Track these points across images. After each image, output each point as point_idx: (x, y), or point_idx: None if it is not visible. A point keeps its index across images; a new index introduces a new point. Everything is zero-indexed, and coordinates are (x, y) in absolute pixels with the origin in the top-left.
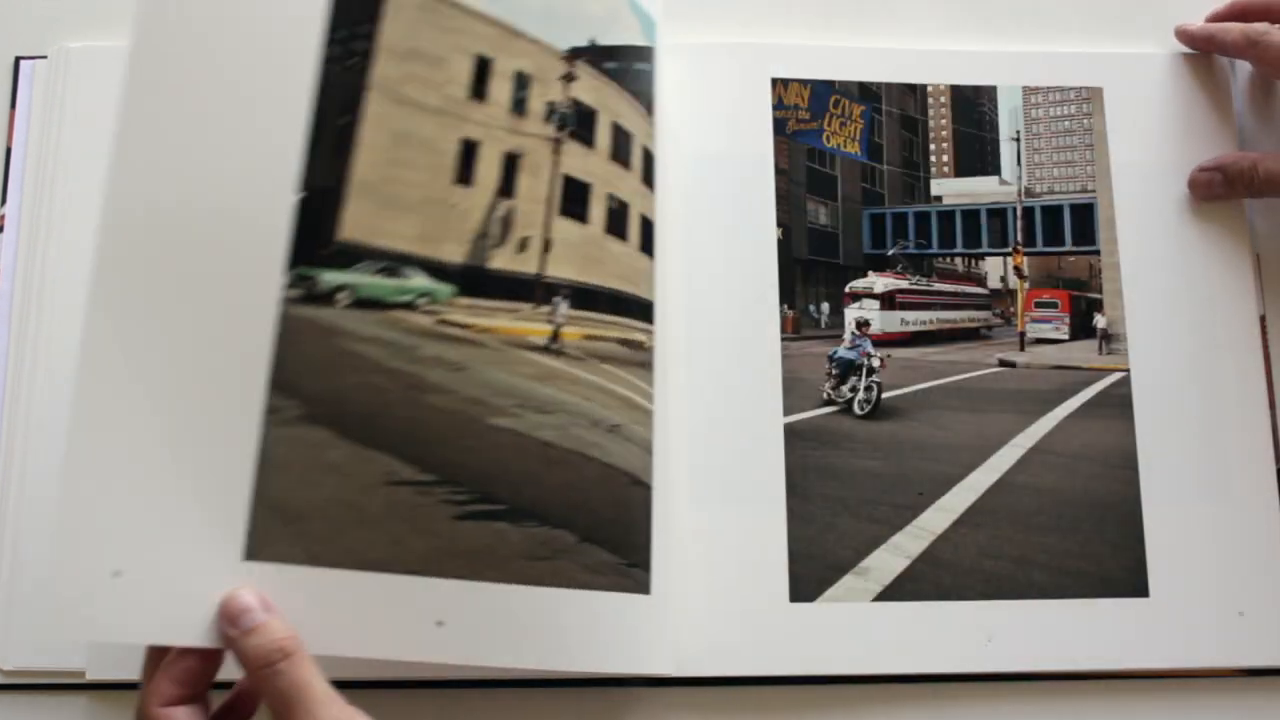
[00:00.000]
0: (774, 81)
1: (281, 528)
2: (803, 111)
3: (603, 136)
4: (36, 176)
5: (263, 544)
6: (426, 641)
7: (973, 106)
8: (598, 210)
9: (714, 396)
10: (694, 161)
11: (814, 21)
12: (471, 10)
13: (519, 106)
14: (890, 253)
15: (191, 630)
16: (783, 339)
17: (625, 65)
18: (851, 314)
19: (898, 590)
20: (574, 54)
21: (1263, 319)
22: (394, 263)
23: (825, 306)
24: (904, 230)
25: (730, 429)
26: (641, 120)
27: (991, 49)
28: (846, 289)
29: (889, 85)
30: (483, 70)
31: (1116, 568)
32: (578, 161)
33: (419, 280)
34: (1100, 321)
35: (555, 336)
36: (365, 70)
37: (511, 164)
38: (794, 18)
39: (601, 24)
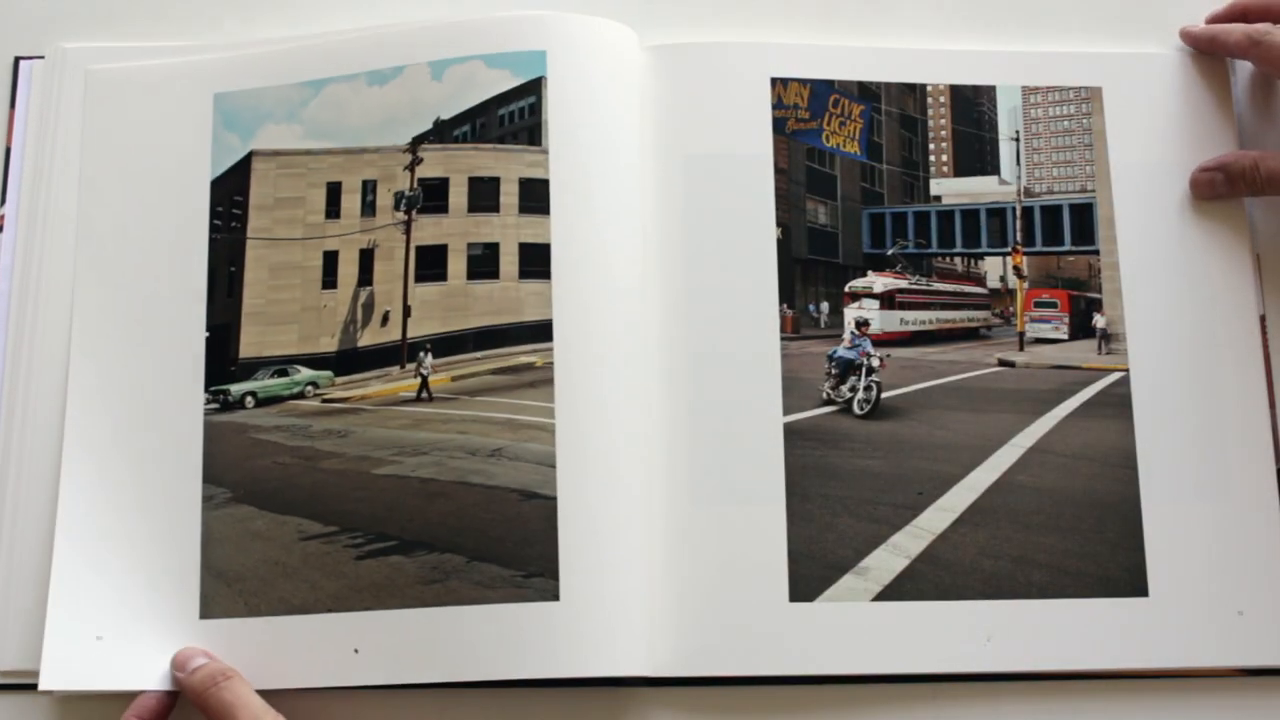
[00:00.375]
0: (773, 81)
1: (226, 589)
2: (802, 111)
3: (456, 197)
4: (34, 176)
5: (212, 604)
6: (347, 668)
7: (972, 106)
8: (456, 264)
9: (714, 396)
10: (693, 161)
11: (814, 21)
12: (320, 151)
13: (369, 209)
14: (890, 252)
15: (157, 678)
16: (782, 339)
17: (483, 120)
18: (851, 314)
19: (897, 590)
20: (417, 142)
21: (1263, 319)
22: (283, 365)
23: (825, 306)
24: (903, 230)
25: (730, 429)
26: (512, 158)
27: (991, 49)
28: (846, 289)
29: (888, 85)
30: (335, 193)
31: (1116, 568)
32: (429, 231)
33: (305, 373)
34: (1099, 321)
35: (424, 386)
36: (243, 227)
37: (367, 257)
38: (794, 17)
39: (445, 101)
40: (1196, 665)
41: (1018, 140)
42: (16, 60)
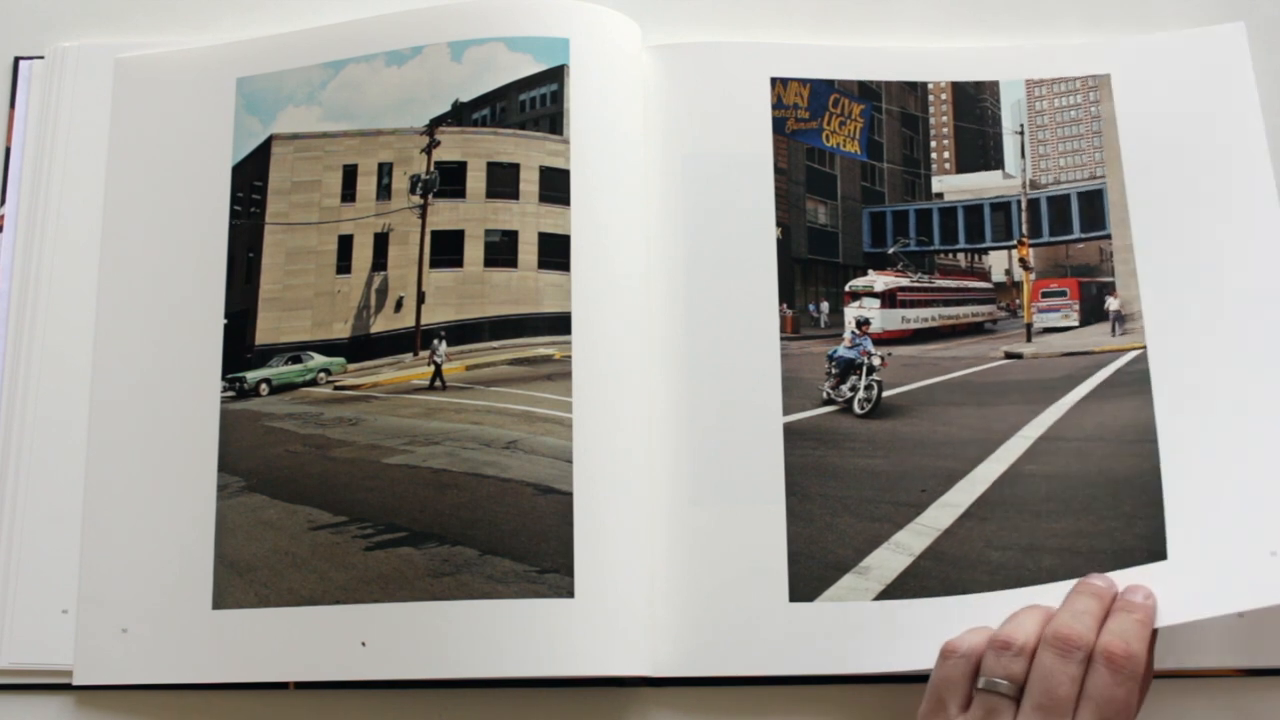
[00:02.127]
0: (773, 81)
1: (238, 579)
2: (802, 111)
3: (475, 182)
4: (33, 176)
5: (225, 595)
6: (353, 661)
7: (974, 102)
8: (474, 250)
9: (713, 396)
10: (693, 161)
11: (813, 21)
12: (336, 133)
13: (384, 192)
14: (890, 250)
15: (178, 670)
16: (782, 339)
17: (503, 105)
18: (851, 313)
19: (900, 588)
20: (434, 124)
21: None
22: (297, 351)
23: (825, 306)
24: (905, 228)
25: (729, 429)
26: (533, 145)
27: (992, 44)
28: (846, 288)
29: (889, 83)
30: (350, 176)
31: (1132, 537)
32: (445, 215)
33: (318, 360)
34: (1113, 304)
35: (437, 374)
36: (261, 213)
37: (381, 242)
38: (793, 17)
39: (465, 83)
40: (1226, 612)
41: (1022, 134)
42: (16, 60)
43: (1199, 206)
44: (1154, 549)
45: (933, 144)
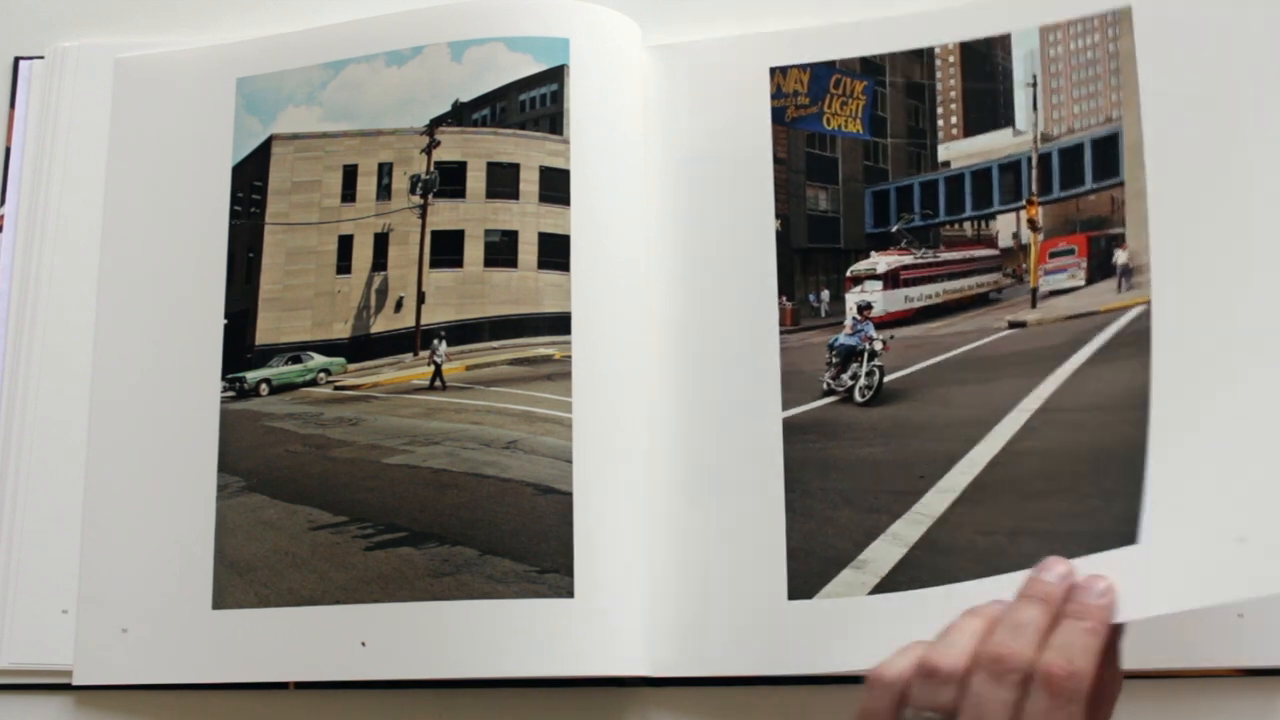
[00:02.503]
0: (772, 71)
1: (238, 579)
2: (802, 97)
3: (475, 182)
4: (33, 176)
5: (225, 595)
6: (353, 661)
7: (985, 60)
8: (474, 250)
9: (713, 397)
10: (693, 160)
11: (815, 2)
12: (336, 133)
13: (384, 192)
14: (894, 229)
15: (179, 670)
16: (781, 332)
17: (504, 105)
18: (853, 299)
19: (894, 581)
20: (434, 124)
21: None
22: (297, 351)
23: (825, 295)
24: (909, 204)
25: (729, 429)
26: (533, 145)
27: None
28: (848, 273)
29: (893, 55)
30: (351, 176)
31: (1109, 519)
32: (446, 215)
33: (318, 360)
34: (1120, 257)
35: (437, 374)
36: (261, 213)
37: (381, 242)
38: (794, 5)
39: (465, 83)
40: (1190, 608)
41: (1035, 85)
42: (16, 60)
43: (1223, 145)
44: (1127, 531)
45: (939, 110)
